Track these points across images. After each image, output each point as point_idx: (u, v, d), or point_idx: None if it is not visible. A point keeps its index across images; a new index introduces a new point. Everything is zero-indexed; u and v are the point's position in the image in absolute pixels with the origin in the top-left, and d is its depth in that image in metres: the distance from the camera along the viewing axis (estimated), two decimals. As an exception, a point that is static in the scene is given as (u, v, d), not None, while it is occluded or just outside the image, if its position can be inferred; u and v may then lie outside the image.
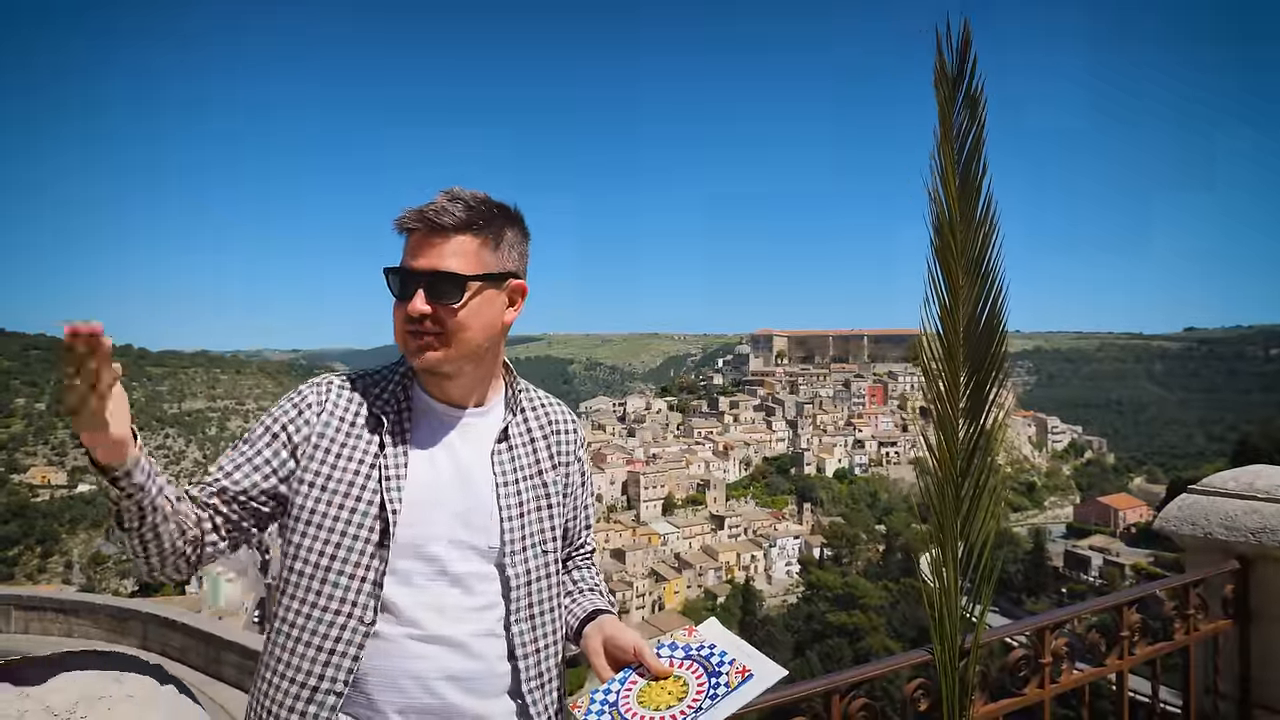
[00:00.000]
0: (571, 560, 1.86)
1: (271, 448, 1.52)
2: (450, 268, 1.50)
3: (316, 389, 1.57)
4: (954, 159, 1.68)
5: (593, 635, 1.66)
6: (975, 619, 1.84)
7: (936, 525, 1.81)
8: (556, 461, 1.73)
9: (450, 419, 1.61)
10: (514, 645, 1.57)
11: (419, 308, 1.49)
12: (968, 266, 1.72)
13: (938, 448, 1.80)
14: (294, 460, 1.52)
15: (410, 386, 1.62)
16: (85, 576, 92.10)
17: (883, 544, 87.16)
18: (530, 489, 1.65)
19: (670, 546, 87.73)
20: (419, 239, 1.51)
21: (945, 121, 1.68)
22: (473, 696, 1.50)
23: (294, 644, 1.47)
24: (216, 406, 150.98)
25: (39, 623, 12.57)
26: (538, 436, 1.72)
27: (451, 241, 1.51)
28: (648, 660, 1.56)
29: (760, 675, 1.45)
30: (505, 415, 1.67)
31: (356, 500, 1.49)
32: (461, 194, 1.53)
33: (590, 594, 1.81)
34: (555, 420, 1.77)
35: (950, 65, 1.64)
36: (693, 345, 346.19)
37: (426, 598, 1.49)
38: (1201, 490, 3.30)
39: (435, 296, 1.50)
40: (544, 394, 1.81)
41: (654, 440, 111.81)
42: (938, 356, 1.78)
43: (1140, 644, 2.63)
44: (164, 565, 1.42)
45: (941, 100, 1.67)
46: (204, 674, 9.97)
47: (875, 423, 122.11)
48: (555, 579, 1.68)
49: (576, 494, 1.80)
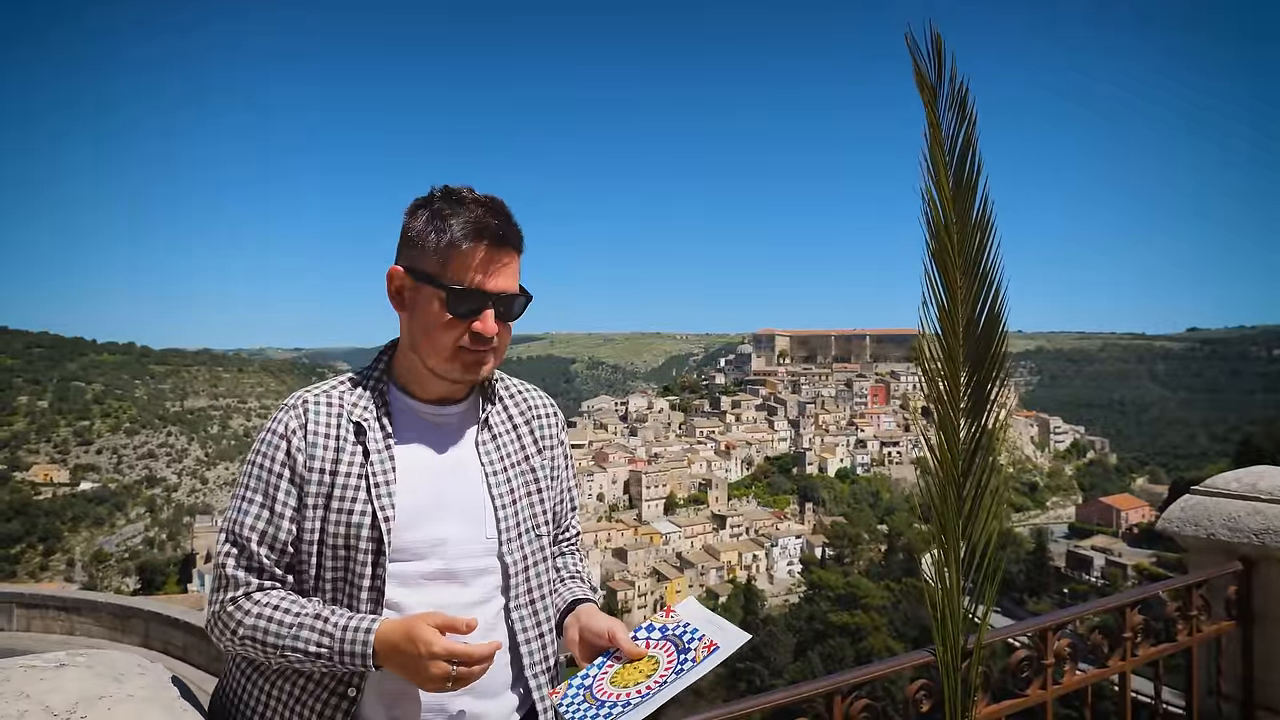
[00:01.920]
0: (557, 545, 1.87)
1: (281, 489, 1.50)
2: (515, 289, 1.56)
3: (294, 413, 1.54)
4: (945, 161, 1.67)
5: (570, 626, 1.68)
6: (978, 620, 1.83)
7: (939, 525, 1.81)
8: (541, 446, 1.75)
9: (431, 416, 1.62)
10: (515, 633, 1.59)
11: (493, 329, 1.52)
12: (965, 267, 1.71)
13: (939, 448, 1.79)
14: (299, 491, 1.51)
15: (388, 390, 1.62)
16: (87, 574, 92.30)
17: (885, 544, 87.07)
18: (519, 475, 1.67)
19: (672, 546, 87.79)
20: (486, 259, 1.51)
21: (933, 124, 1.67)
22: (472, 695, 1.50)
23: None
24: (219, 405, 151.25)
25: (41, 621, 12.57)
26: (519, 423, 1.73)
27: (515, 262, 1.57)
28: (621, 643, 1.57)
29: (724, 646, 1.47)
30: (484, 405, 1.68)
31: (349, 514, 1.49)
32: (502, 208, 1.55)
33: (571, 583, 1.82)
34: (534, 405, 1.79)
35: (927, 70, 1.64)
36: (695, 345, 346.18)
37: (427, 600, 1.49)
38: (1204, 491, 3.29)
39: (500, 317, 1.54)
40: (518, 381, 1.82)
41: (656, 439, 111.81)
42: (938, 357, 1.77)
43: (1143, 645, 2.62)
44: None
45: (926, 103, 1.66)
46: (206, 672, 9.98)
47: (877, 422, 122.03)
48: (550, 563, 1.72)
49: (561, 476, 1.82)
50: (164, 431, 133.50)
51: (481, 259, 1.50)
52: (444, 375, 1.56)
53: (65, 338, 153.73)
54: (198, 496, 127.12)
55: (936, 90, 1.65)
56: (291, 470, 1.50)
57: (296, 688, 1.47)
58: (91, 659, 1.38)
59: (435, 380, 1.59)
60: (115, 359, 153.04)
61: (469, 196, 1.53)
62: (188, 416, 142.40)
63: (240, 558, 1.48)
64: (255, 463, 1.52)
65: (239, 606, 1.46)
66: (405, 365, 1.62)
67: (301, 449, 1.51)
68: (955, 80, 1.63)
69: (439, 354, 1.53)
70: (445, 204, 1.52)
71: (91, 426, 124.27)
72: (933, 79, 1.65)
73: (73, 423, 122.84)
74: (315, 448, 1.51)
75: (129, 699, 1.29)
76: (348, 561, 1.48)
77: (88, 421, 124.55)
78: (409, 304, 1.56)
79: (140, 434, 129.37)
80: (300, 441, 1.51)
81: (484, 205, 1.52)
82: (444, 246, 1.50)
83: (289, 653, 1.40)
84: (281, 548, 1.49)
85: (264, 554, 1.48)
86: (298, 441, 1.51)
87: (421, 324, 1.54)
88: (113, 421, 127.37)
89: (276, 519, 1.49)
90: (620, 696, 1.43)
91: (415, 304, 1.55)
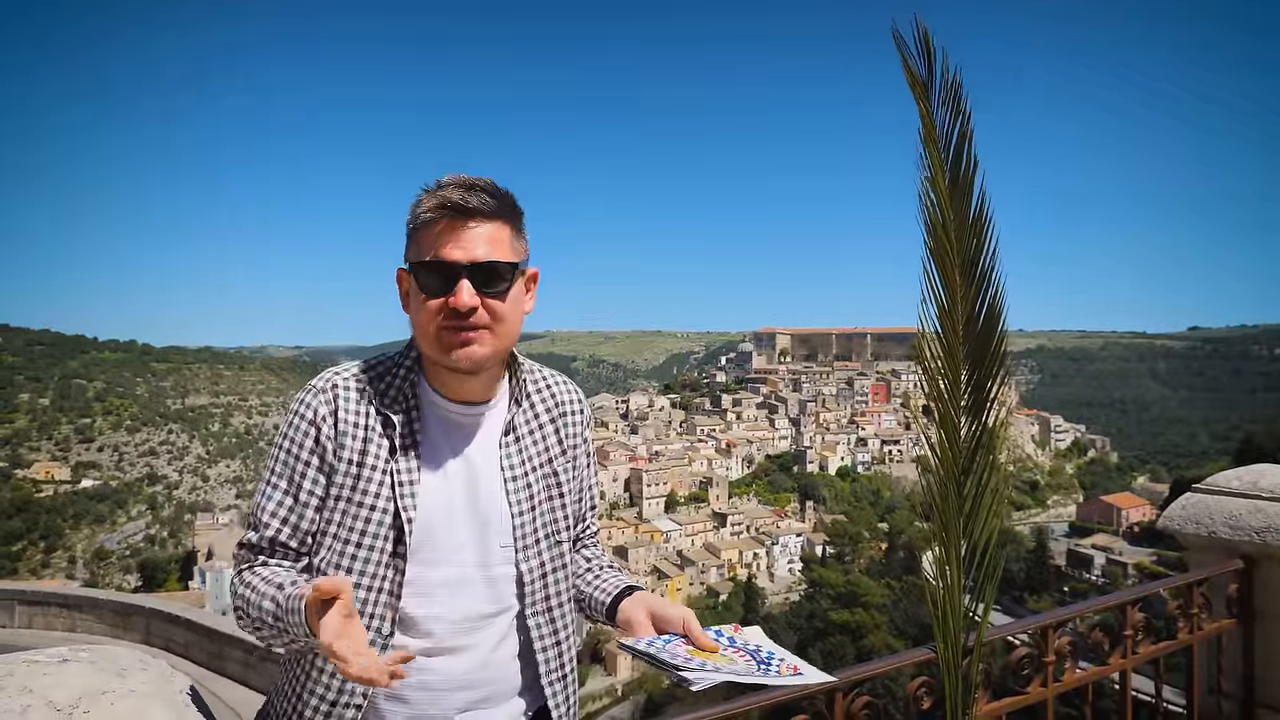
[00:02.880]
0: (579, 541, 1.84)
1: (309, 476, 1.48)
2: (494, 256, 1.44)
3: (323, 398, 1.49)
4: (940, 158, 1.66)
5: (635, 608, 1.62)
6: (978, 617, 1.83)
7: (939, 523, 1.80)
8: (565, 446, 1.69)
9: (460, 417, 1.56)
10: (531, 641, 1.56)
11: (468, 301, 1.42)
12: (963, 266, 1.70)
13: (940, 446, 1.79)
14: (326, 480, 1.48)
15: (418, 383, 1.55)
16: (89, 572, 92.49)
17: (885, 542, 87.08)
18: (539, 479, 1.61)
19: (672, 544, 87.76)
20: (448, 229, 1.44)
21: (927, 121, 1.65)
22: (481, 703, 1.49)
23: (314, 656, 1.45)
24: (220, 403, 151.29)
25: (43, 618, 12.60)
26: (545, 422, 1.67)
27: (485, 229, 1.45)
28: (694, 631, 1.52)
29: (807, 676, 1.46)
30: (510, 407, 1.61)
31: (371, 510, 1.45)
32: (477, 181, 1.47)
33: (610, 570, 1.78)
34: (562, 401, 1.72)
35: (917, 66, 1.62)
36: (696, 343, 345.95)
37: (440, 607, 1.47)
38: (1206, 489, 3.29)
39: (480, 288, 1.44)
40: (549, 371, 1.76)
41: (656, 437, 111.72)
42: (938, 355, 1.77)
43: (1144, 643, 2.62)
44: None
45: (918, 99, 1.65)
46: (207, 669, 10.00)
47: (878, 420, 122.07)
48: (569, 570, 1.67)
49: (583, 475, 1.77)
50: (165, 429, 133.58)
51: (444, 229, 1.44)
52: (444, 365, 1.49)
53: (66, 335, 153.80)
54: (199, 494, 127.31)
55: (927, 86, 1.63)
56: (321, 459, 1.47)
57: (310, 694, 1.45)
58: (95, 654, 1.38)
59: (452, 378, 1.53)
60: (116, 356, 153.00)
61: (449, 179, 1.46)
62: (189, 414, 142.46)
63: (259, 540, 1.47)
64: (284, 447, 1.48)
65: (242, 579, 1.45)
66: (428, 361, 1.56)
67: (331, 437, 1.47)
68: (947, 75, 1.61)
69: (427, 340, 1.47)
70: (422, 192, 1.48)
71: (93, 424, 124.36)
72: (923, 75, 1.63)
73: (74, 420, 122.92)
74: (345, 437, 1.47)
75: (131, 694, 1.29)
76: (364, 563, 1.44)
77: (89, 419, 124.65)
78: (410, 301, 1.52)
79: (141, 431, 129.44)
80: (330, 430, 1.47)
81: (456, 181, 1.46)
82: (415, 229, 1.47)
83: (260, 626, 1.39)
84: (303, 535, 1.47)
85: (283, 539, 1.46)
86: (328, 430, 1.47)
87: (413, 315, 1.49)
88: (114, 419, 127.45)
89: (301, 507, 1.46)
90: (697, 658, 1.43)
91: (408, 296, 1.51)
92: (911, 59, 1.62)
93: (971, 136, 1.65)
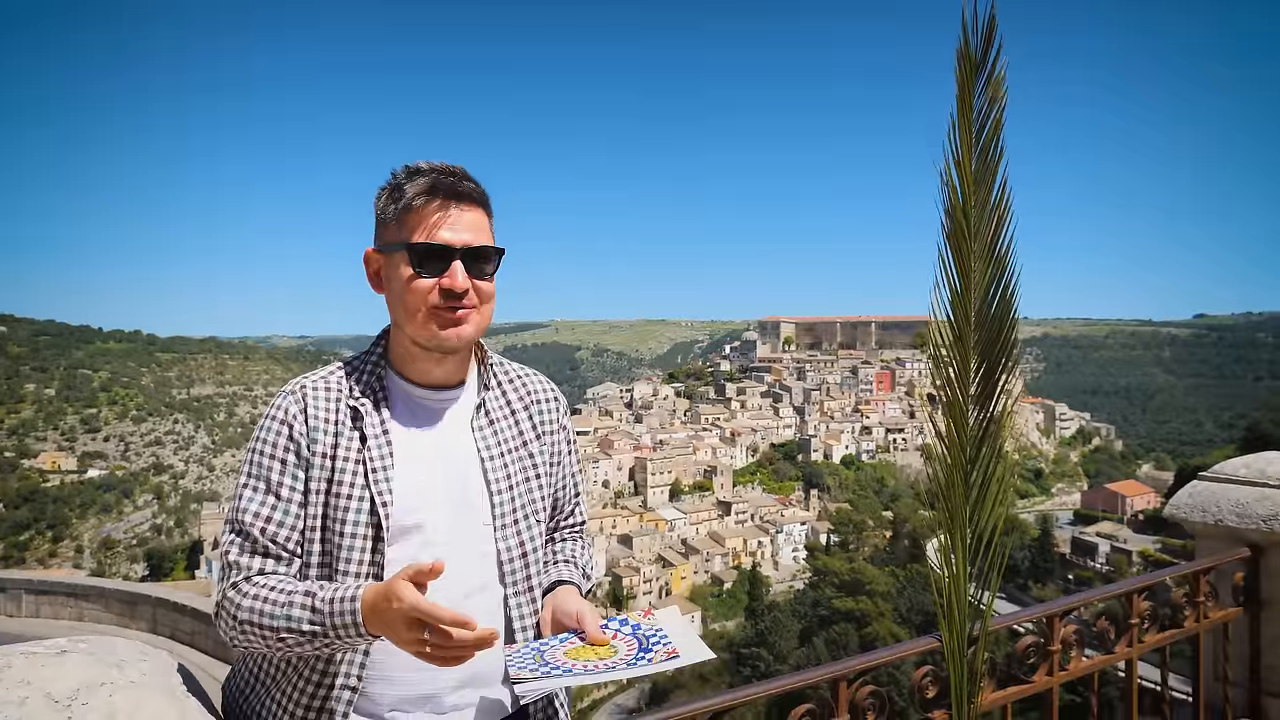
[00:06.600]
0: (559, 532, 1.85)
1: (286, 474, 1.49)
2: (483, 241, 1.52)
3: (293, 398, 1.53)
4: (971, 142, 1.65)
5: (545, 606, 1.66)
6: (983, 606, 1.82)
7: (945, 512, 1.79)
8: (540, 432, 1.73)
9: (429, 401, 1.60)
10: (511, 619, 1.58)
11: (462, 282, 1.48)
12: (980, 251, 1.69)
13: (947, 434, 1.78)
14: (305, 475, 1.50)
15: (385, 374, 1.60)
16: (95, 561, 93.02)
17: (890, 530, 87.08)
18: (515, 460, 1.65)
19: (677, 532, 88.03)
20: (439, 211, 1.49)
21: (964, 101, 1.63)
22: (468, 683, 1.51)
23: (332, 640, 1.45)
24: (225, 392, 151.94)
25: (49, 607, 12.68)
26: (518, 409, 1.71)
27: (472, 215, 1.52)
28: (587, 626, 1.55)
29: (684, 657, 1.46)
30: (480, 390, 1.66)
31: (348, 499, 1.48)
32: (456, 168, 1.53)
33: (560, 566, 1.79)
34: (534, 391, 1.76)
35: (974, 47, 1.60)
36: (700, 332, 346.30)
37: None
38: (1212, 477, 3.27)
39: (470, 271, 1.50)
40: (520, 366, 1.80)
41: (661, 426, 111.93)
42: (947, 342, 1.76)
43: (1149, 631, 2.61)
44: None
45: (961, 80, 1.63)
46: (213, 658, 10.05)
47: (883, 409, 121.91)
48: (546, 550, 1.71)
49: (564, 462, 1.80)
50: (171, 419, 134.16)
51: (440, 213, 1.49)
52: (425, 343, 1.53)
53: (72, 326, 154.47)
54: (205, 483, 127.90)
55: (978, 68, 1.62)
56: (296, 455, 1.49)
57: (300, 678, 1.46)
58: (93, 645, 1.37)
59: (427, 361, 1.57)
60: (122, 347, 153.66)
61: (425, 166, 1.52)
62: (194, 404, 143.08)
63: (245, 544, 1.47)
64: (257, 449, 1.51)
65: (239, 590, 1.44)
66: (398, 348, 1.60)
67: (303, 434, 1.50)
68: (997, 64, 1.61)
69: (414, 317, 1.51)
70: (403, 176, 1.53)
71: (99, 414, 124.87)
72: (977, 56, 1.62)
73: (80, 410, 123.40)
74: (316, 432, 1.50)
75: (131, 685, 1.29)
76: (348, 549, 1.47)
77: (95, 409, 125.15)
78: (385, 280, 1.55)
79: (147, 421, 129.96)
80: (302, 426, 1.50)
81: (438, 169, 1.52)
82: (402, 210, 1.50)
83: (285, 635, 1.37)
84: (288, 534, 1.48)
85: (269, 540, 1.46)
86: (299, 426, 1.50)
87: (396, 293, 1.52)
88: (120, 409, 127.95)
89: (283, 504, 1.48)
90: (565, 664, 1.43)
91: (390, 277, 1.53)
92: (973, 37, 1.61)
93: (1004, 125, 1.64)
